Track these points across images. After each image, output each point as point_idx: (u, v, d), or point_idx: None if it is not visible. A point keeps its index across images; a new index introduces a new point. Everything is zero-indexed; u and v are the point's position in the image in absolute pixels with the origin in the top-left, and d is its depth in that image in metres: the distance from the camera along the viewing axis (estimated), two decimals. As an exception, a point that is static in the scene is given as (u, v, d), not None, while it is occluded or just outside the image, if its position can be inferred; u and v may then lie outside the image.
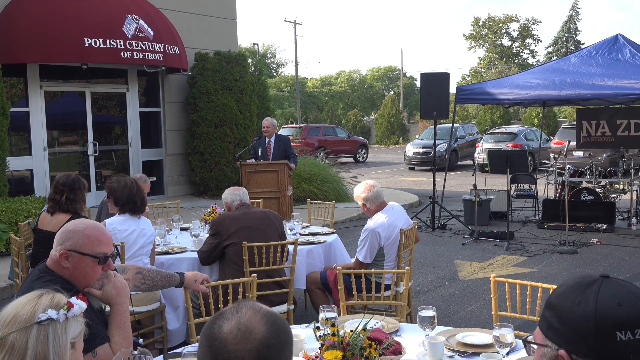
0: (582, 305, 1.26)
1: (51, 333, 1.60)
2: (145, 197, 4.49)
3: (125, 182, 4.39)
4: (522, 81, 9.61)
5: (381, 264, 4.58)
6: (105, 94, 12.88)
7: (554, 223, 9.66)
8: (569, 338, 1.27)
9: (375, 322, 2.84)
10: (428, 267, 7.55)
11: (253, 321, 1.35)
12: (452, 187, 15.11)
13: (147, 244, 4.37)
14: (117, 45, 10.79)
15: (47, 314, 1.62)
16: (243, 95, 13.33)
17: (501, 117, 32.44)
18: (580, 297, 1.27)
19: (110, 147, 12.86)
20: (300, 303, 5.63)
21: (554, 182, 10.36)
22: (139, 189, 4.42)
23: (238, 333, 1.33)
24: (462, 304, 6.07)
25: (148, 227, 4.41)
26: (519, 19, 56.52)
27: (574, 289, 1.30)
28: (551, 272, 7.16)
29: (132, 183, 4.40)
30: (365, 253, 4.53)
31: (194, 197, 13.26)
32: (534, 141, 19.76)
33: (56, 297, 1.70)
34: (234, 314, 1.37)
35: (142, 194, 4.44)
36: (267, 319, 1.37)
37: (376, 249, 4.54)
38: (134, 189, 4.37)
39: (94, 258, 2.35)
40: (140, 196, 4.40)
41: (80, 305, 1.71)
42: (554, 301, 1.32)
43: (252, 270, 4.27)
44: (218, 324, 1.36)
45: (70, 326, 1.65)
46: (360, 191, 4.62)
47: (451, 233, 9.65)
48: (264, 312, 1.39)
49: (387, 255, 4.58)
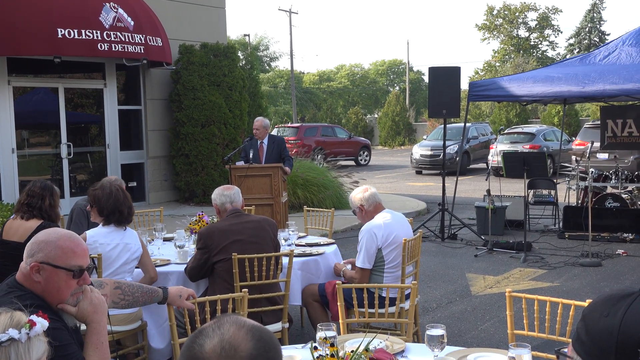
0: (609, 318, 1.28)
1: (13, 354, 1.60)
2: (132, 206, 4.47)
3: (110, 189, 4.38)
4: (541, 76, 9.63)
5: (382, 268, 4.60)
6: (81, 91, 12.89)
7: (576, 232, 9.67)
8: (592, 352, 1.29)
9: (378, 341, 2.85)
10: (437, 281, 7.55)
11: (237, 337, 1.34)
12: (464, 193, 15.13)
13: (131, 260, 4.36)
14: (93, 36, 10.80)
15: (8, 333, 1.62)
16: (232, 91, 13.35)
17: (517, 115, 32.50)
18: (610, 309, 1.29)
19: (85, 149, 12.86)
20: (295, 321, 5.63)
21: (576, 187, 10.37)
22: (125, 196, 4.40)
23: (222, 352, 1.31)
24: (475, 321, 6.07)
25: (134, 240, 4.39)
26: (538, 8, 56.71)
27: (606, 300, 1.32)
28: (573, 287, 7.16)
29: (117, 190, 4.39)
30: (364, 257, 4.56)
31: (179, 204, 13.26)
32: (553, 142, 19.80)
33: (15, 315, 1.69)
34: (215, 331, 1.36)
35: (129, 202, 4.43)
36: (253, 334, 1.36)
37: (374, 252, 4.57)
38: (120, 197, 4.35)
39: (68, 271, 2.36)
40: (127, 205, 4.38)
41: (42, 323, 1.71)
42: (586, 311, 1.35)
43: (242, 285, 4.27)
44: (199, 342, 1.34)
45: (33, 346, 1.65)
46: (356, 192, 4.76)
47: (462, 244, 9.66)
48: (249, 326, 1.38)
49: (388, 259, 4.60)
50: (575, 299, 3.27)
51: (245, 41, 49.30)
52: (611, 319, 1.27)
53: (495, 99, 10.82)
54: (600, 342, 1.26)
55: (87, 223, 5.43)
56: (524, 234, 8.78)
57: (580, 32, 53.93)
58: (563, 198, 11.29)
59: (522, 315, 3.40)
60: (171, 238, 5.75)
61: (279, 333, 4.48)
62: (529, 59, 48.38)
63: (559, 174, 12.60)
